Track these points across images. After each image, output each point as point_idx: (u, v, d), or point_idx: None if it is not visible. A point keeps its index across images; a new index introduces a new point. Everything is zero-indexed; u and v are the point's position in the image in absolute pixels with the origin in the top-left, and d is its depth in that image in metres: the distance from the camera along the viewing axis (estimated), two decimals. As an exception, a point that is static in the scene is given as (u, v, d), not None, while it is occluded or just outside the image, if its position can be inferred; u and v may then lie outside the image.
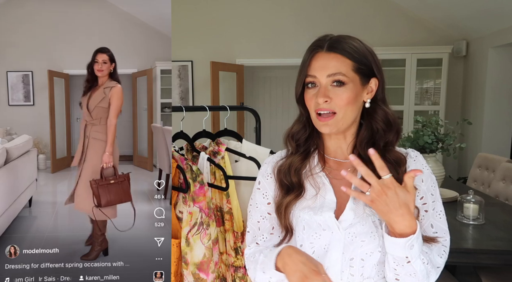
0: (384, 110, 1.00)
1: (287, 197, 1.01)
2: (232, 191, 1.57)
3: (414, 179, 0.85)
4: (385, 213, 0.85)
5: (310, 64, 0.97)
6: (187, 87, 5.35)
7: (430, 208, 0.97)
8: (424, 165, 1.00)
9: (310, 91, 0.97)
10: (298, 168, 1.02)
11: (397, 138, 1.00)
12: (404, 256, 0.87)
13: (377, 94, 0.99)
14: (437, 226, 0.97)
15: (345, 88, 0.94)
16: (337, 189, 0.99)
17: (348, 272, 0.96)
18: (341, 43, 0.96)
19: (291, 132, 1.05)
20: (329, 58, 0.95)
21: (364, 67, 0.96)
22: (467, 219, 2.20)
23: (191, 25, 5.20)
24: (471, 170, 3.48)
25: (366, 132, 1.00)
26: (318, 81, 0.95)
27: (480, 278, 2.10)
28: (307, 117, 1.02)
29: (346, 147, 1.02)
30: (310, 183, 1.02)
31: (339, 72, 0.94)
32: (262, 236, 1.07)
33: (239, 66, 5.26)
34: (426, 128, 2.64)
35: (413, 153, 1.01)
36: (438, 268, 0.95)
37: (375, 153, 0.86)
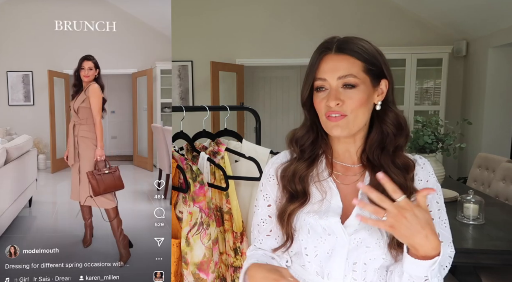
0: (395, 112, 0.97)
1: (291, 205, 0.98)
2: (232, 191, 1.57)
3: (426, 197, 0.83)
4: (409, 237, 0.80)
5: (319, 67, 0.94)
6: (187, 87, 5.35)
7: (436, 216, 0.95)
8: (431, 173, 0.98)
9: (319, 94, 0.94)
10: (303, 175, 0.99)
11: (406, 142, 0.98)
12: (423, 276, 0.84)
13: (388, 96, 0.97)
14: (443, 235, 0.94)
15: (357, 90, 0.91)
16: (343, 194, 0.97)
17: (351, 276, 0.94)
18: (349, 44, 0.93)
19: (295, 137, 1.02)
20: (338, 60, 0.92)
21: (374, 68, 0.94)
22: (467, 219, 2.20)
23: (191, 25, 5.20)
24: (471, 170, 3.48)
25: (376, 136, 0.97)
26: (328, 84, 0.92)
27: (480, 278, 2.10)
28: (312, 122, 1.00)
29: (355, 151, 0.99)
30: (317, 187, 0.99)
31: (350, 74, 0.91)
32: (259, 239, 1.07)
33: (239, 66, 5.26)
34: (426, 128, 2.65)
35: (421, 160, 0.99)
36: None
37: (384, 177, 0.83)
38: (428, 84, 5.04)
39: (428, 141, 2.55)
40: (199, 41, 5.24)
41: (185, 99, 5.35)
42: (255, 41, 5.24)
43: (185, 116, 1.60)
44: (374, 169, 0.95)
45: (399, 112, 0.98)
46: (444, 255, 0.92)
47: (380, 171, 0.91)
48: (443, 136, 2.61)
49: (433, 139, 2.56)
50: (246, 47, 5.27)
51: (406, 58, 4.76)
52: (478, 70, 4.77)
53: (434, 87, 4.96)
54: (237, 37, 5.25)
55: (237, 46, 5.28)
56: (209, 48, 5.23)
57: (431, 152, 2.62)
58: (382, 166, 0.94)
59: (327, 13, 5.08)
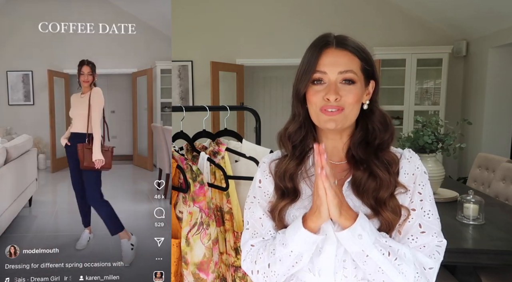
0: (381, 111, 1.00)
1: (282, 201, 1.00)
2: (232, 191, 1.57)
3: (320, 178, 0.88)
4: (339, 211, 0.88)
5: (319, 60, 0.94)
6: (187, 87, 5.35)
7: (418, 207, 0.96)
8: (417, 165, 0.99)
9: (315, 87, 0.95)
10: (293, 173, 1.01)
11: (392, 139, 1.01)
12: (359, 250, 0.88)
13: (373, 96, 1.00)
14: (425, 226, 0.95)
15: (355, 86, 0.94)
16: None
17: (341, 273, 0.96)
18: (349, 41, 0.96)
19: (288, 132, 1.03)
20: (339, 55, 0.94)
21: (368, 68, 0.96)
22: (467, 219, 2.20)
23: (191, 25, 5.20)
24: (471, 170, 3.48)
25: (360, 132, 1.00)
26: (328, 77, 0.93)
27: (480, 278, 2.10)
28: (304, 117, 1.01)
29: (341, 147, 1.02)
30: (306, 183, 1.01)
31: (350, 70, 0.93)
32: (269, 232, 1.04)
33: (239, 66, 5.26)
34: (426, 128, 2.64)
35: (409, 153, 1.01)
36: (431, 269, 0.93)
37: (319, 147, 0.86)
38: (428, 84, 5.04)
39: (428, 141, 2.55)
40: (199, 41, 5.24)
41: (185, 99, 5.35)
42: (255, 41, 5.24)
43: (185, 116, 1.60)
44: (357, 165, 0.98)
45: (385, 111, 1.02)
46: (430, 244, 0.94)
47: (363, 165, 0.96)
48: (443, 136, 2.60)
49: (433, 139, 2.56)
50: (246, 47, 5.27)
51: (406, 58, 4.76)
52: (478, 70, 4.77)
53: (434, 87, 4.96)
54: (237, 37, 5.25)
55: (237, 46, 5.28)
56: (209, 48, 5.23)
57: (431, 152, 2.61)
58: (365, 161, 0.97)
59: (327, 13, 5.08)
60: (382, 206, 0.94)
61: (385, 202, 0.94)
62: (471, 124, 3.18)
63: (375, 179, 0.95)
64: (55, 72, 1.70)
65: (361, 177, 0.97)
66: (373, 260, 0.88)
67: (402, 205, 0.96)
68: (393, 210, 0.94)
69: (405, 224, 0.95)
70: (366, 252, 0.88)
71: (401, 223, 0.95)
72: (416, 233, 0.95)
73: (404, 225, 0.95)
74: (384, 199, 0.94)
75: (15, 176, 1.70)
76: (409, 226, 0.95)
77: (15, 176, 1.70)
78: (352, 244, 0.89)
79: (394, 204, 0.95)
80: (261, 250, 1.01)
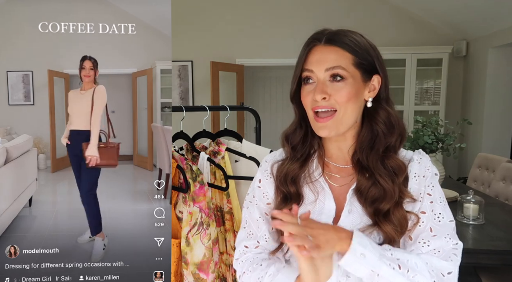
0: (386, 111, 0.93)
1: (283, 206, 0.95)
2: (233, 191, 1.57)
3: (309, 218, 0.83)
4: (332, 246, 0.82)
5: (307, 58, 0.91)
6: (187, 87, 5.35)
7: (428, 209, 0.91)
8: (428, 166, 0.94)
9: (306, 87, 0.91)
10: (295, 176, 0.96)
11: (401, 142, 0.94)
12: (368, 271, 0.82)
13: (380, 93, 0.93)
14: (436, 230, 0.89)
15: (345, 83, 0.88)
16: (336, 195, 0.95)
17: (344, 281, 0.90)
18: (340, 36, 0.90)
19: (285, 133, 0.99)
20: (327, 52, 0.89)
21: (365, 62, 0.90)
22: (467, 219, 2.19)
23: (191, 25, 5.20)
24: (471, 170, 3.48)
25: (366, 134, 0.93)
26: (315, 76, 0.89)
27: (480, 278, 2.10)
28: (300, 117, 0.96)
29: (346, 150, 0.96)
30: (310, 187, 0.96)
31: (338, 66, 0.87)
32: (264, 236, 1.02)
33: (239, 66, 5.26)
34: (426, 128, 2.64)
35: (419, 155, 0.95)
36: (450, 274, 0.87)
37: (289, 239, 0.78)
38: (428, 84, 5.04)
39: (428, 141, 2.55)
40: (199, 41, 5.24)
41: (185, 99, 5.34)
42: (255, 41, 5.24)
43: (185, 116, 1.60)
44: (362, 170, 0.93)
45: (392, 111, 0.94)
46: (444, 248, 0.89)
47: (368, 172, 0.90)
48: (443, 136, 2.60)
49: (433, 139, 2.56)
50: (246, 47, 5.27)
51: (406, 58, 4.76)
52: (478, 70, 4.77)
53: (434, 87, 4.96)
54: (237, 37, 5.25)
55: (237, 46, 5.27)
56: (209, 48, 5.23)
57: (431, 152, 2.61)
58: (369, 168, 0.91)
59: (327, 13, 5.08)
60: (381, 218, 0.89)
61: (387, 213, 0.89)
62: (471, 124, 3.18)
63: (378, 189, 0.90)
64: (55, 72, 1.70)
65: (364, 185, 0.91)
66: (385, 278, 0.82)
67: (412, 211, 0.91)
68: (399, 222, 0.89)
69: (415, 228, 0.90)
70: (376, 271, 0.82)
71: (411, 228, 0.90)
72: (427, 237, 0.90)
73: (414, 229, 0.90)
74: (385, 211, 0.89)
75: (15, 176, 1.70)
76: (420, 230, 0.90)
77: (15, 176, 1.70)
78: (359, 266, 0.82)
79: (400, 215, 0.89)
80: (250, 268, 0.99)
